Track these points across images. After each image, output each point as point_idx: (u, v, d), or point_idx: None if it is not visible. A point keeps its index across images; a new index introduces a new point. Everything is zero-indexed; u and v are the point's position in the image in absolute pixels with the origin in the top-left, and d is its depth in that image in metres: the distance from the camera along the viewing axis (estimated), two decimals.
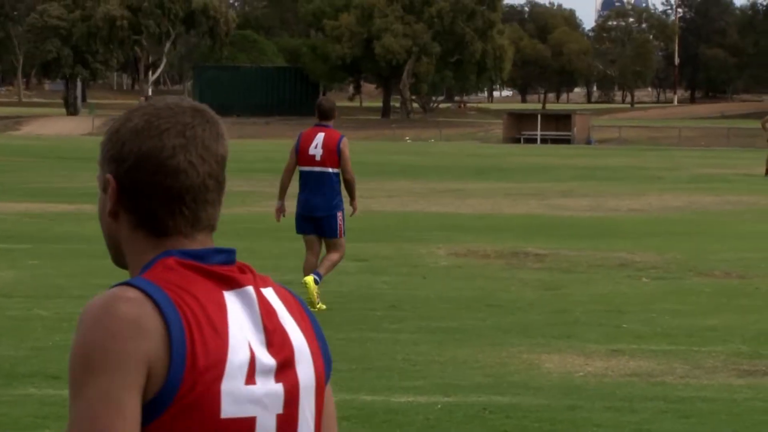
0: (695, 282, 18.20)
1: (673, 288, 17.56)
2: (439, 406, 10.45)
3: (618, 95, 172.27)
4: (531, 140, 78.85)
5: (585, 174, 44.86)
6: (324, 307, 14.98)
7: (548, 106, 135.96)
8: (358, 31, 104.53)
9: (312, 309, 14.93)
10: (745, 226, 26.58)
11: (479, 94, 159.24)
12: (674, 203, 32.40)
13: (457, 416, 10.13)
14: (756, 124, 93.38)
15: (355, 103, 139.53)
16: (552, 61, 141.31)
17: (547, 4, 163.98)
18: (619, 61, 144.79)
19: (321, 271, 15.36)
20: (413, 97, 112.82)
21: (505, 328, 14.19)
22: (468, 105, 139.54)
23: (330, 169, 15.44)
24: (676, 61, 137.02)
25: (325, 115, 15.62)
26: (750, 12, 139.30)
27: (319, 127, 15.59)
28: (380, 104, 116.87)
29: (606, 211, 30.13)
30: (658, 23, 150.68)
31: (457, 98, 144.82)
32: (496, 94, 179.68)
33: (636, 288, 17.61)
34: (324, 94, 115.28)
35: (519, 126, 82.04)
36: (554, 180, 41.69)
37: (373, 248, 21.36)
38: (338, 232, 15.52)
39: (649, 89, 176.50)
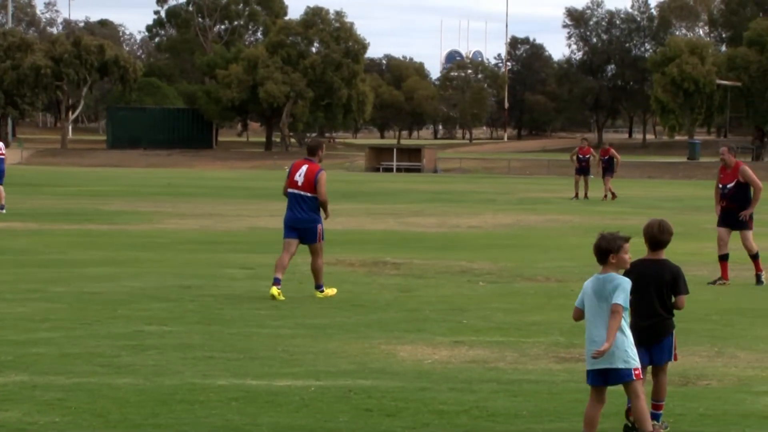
0: (522, 285, 18.33)
1: (504, 290, 17.67)
2: (312, 388, 10.41)
3: (459, 133, 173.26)
4: (388, 169, 78.98)
5: (433, 197, 45.07)
6: (334, 290, 16.72)
7: (402, 142, 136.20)
8: (245, 79, 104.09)
9: (322, 295, 16.32)
10: (562, 240, 26.85)
11: (345, 131, 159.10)
12: (505, 221, 32.63)
13: (328, 397, 10.10)
14: (567, 157, 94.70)
15: (243, 139, 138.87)
16: (405, 105, 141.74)
17: (401, 58, 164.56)
18: (460, 105, 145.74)
19: (318, 282, 16.66)
20: (291, 134, 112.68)
21: (368, 324, 14.18)
22: (336, 140, 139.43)
23: (308, 194, 16.64)
24: (506, 105, 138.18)
25: (310, 152, 16.95)
26: (566, 65, 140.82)
27: (306, 160, 16.84)
28: (264, 139, 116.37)
29: (450, 228, 30.27)
30: (491, 74, 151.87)
31: (327, 134, 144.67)
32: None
33: (474, 290, 17.69)
34: (217, 131, 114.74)
35: (378, 158, 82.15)
36: (408, 202, 41.81)
37: (259, 258, 21.24)
38: (317, 238, 16.66)
39: (485, 128, 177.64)
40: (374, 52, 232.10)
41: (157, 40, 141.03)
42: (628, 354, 8.41)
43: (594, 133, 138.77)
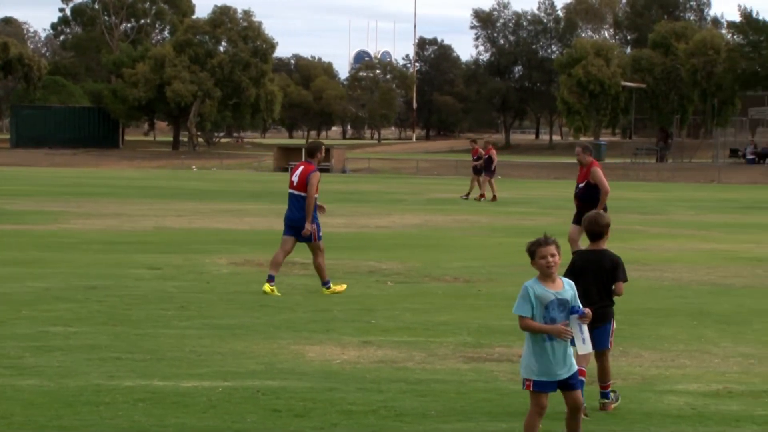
0: (431, 285, 18.40)
1: (413, 291, 17.72)
2: (220, 389, 10.37)
3: (368, 133, 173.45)
4: None
5: (341, 197, 45.03)
6: (344, 286, 17.34)
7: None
8: (152, 78, 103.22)
9: (329, 292, 16.89)
10: (469, 240, 26.99)
11: (254, 131, 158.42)
12: (414, 221, 32.73)
13: (235, 398, 10.06)
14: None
15: (150, 138, 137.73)
16: (314, 105, 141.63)
17: (310, 57, 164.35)
18: (369, 105, 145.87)
19: (323, 279, 17.19)
20: (199, 133, 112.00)
21: (276, 324, 14.15)
22: (245, 140, 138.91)
23: (302, 193, 17.21)
24: (414, 105, 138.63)
25: (309, 154, 17.51)
26: (473, 66, 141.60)
27: (303, 162, 17.48)
28: (171, 138, 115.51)
29: (358, 228, 30.29)
30: (399, 75, 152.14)
31: (235, 134, 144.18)
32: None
33: (383, 290, 17.73)
34: (123, 131, 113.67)
35: (287, 157, 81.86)
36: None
37: (166, 259, 21.10)
38: (312, 237, 17.08)
39: (393, 128, 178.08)
40: (283, 51, 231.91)
41: (62, 38, 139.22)
42: (522, 364, 8.39)
43: (501, 134, 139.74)
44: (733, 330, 14.20)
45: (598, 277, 9.84)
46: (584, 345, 8.34)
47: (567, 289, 8.31)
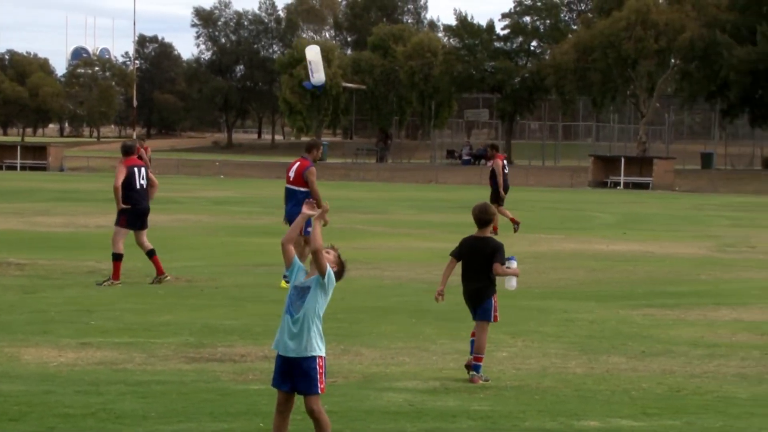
0: (153, 286, 18.22)
1: (133, 291, 17.51)
2: None
3: (87, 131, 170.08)
4: (12, 167, 76.48)
5: (60, 196, 44.04)
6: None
7: (26, 139, 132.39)
8: None
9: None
10: (192, 240, 26.83)
11: None
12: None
13: None
14: (199, 156, 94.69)
15: None
16: (29, 101, 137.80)
17: (25, 53, 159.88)
18: (87, 103, 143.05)
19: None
20: None
21: None
22: None
23: (297, 188, 18.21)
24: (135, 103, 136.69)
25: (306, 149, 18.61)
26: (195, 65, 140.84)
27: (300, 158, 18.53)
28: None
29: (78, 227, 29.68)
30: (119, 72, 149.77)
31: None
32: None
33: (102, 291, 17.45)
34: None
35: (2, 156, 79.46)
36: (33, 201, 40.70)
37: None
38: (307, 231, 16.87)
39: (113, 126, 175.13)
40: None
41: None
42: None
43: (224, 133, 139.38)
44: (450, 327, 14.56)
45: (482, 260, 11.25)
46: None
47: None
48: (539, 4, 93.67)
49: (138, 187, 18.44)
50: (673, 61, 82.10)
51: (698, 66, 79.16)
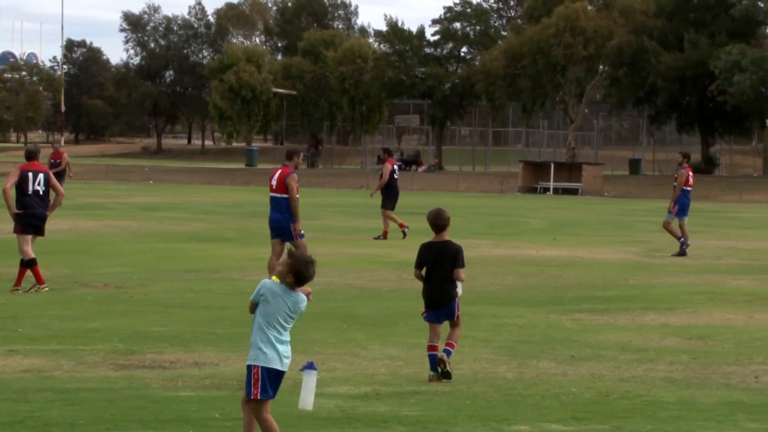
0: (81, 292, 18.07)
1: (62, 297, 17.36)
2: None
3: (14, 136, 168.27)
4: None
5: None
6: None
7: None
8: None
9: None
10: (120, 246, 26.63)
11: None
12: (61, 226, 31.90)
13: None
14: (128, 161, 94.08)
15: None
16: None
17: None
18: (14, 108, 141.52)
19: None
20: None
21: None
22: None
23: (280, 195, 18.50)
24: (63, 108, 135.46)
25: (287, 157, 18.88)
26: (124, 70, 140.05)
27: (282, 165, 18.79)
28: None
29: (4, 234, 29.30)
30: (47, 77, 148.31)
31: None
32: None
33: (29, 298, 17.29)
34: None
35: None
36: None
37: None
38: (293, 236, 18.42)
39: (41, 131, 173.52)
40: None
41: None
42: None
43: (153, 139, 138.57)
44: (380, 332, 14.58)
45: (443, 263, 11.64)
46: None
47: None
48: (469, 10, 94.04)
49: (30, 192, 18.10)
50: (601, 67, 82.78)
51: (626, 72, 79.94)
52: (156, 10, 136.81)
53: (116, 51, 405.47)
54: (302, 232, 18.79)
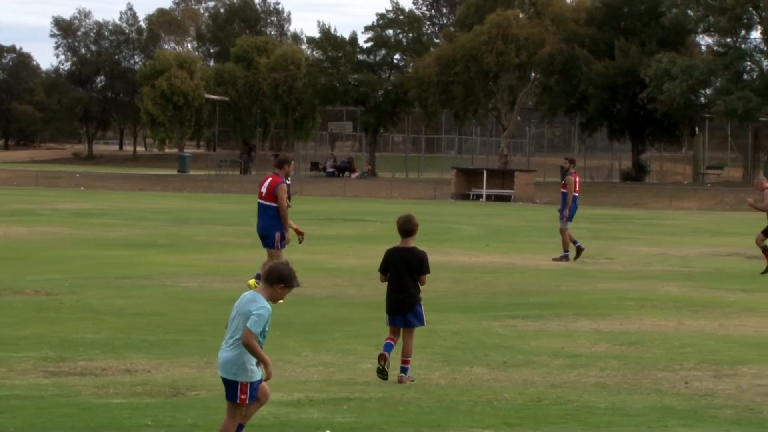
0: (11, 299, 17.89)
1: None
2: None
3: None
4: None
5: None
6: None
7: None
8: None
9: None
10: (51, 252, 26.40)
11: None
12: None
13: None
14: (59, 167, 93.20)
15: None
16: None
17: None
18: None
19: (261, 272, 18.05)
20: None
21: None
22: None
23: (269, 203, 18.49)
24: None
25: (277, 166, 18.78)
26: (54, 75, 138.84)
27: (272, 173, 18.76)
28: None
29: None
30: None
31: None
32: None
33: None
34: None
35: None
36: None
37: None
38: (275, 245, 18.49)
39: None
40: None
41: None
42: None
43: (84, 145, 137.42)
44: (314, 339, 14.57)
45: (408, 269, 11.83)
46: None
47: None
48: (402, 17, 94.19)
49: None
50: (533, 74, 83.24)
51: (558, 80, 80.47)
52: (87, 15, 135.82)
53: (47, 56, 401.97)
54: (283, 243, 18.66)
